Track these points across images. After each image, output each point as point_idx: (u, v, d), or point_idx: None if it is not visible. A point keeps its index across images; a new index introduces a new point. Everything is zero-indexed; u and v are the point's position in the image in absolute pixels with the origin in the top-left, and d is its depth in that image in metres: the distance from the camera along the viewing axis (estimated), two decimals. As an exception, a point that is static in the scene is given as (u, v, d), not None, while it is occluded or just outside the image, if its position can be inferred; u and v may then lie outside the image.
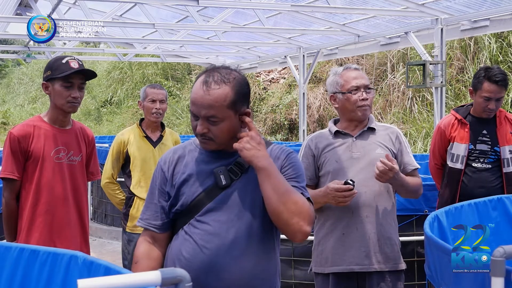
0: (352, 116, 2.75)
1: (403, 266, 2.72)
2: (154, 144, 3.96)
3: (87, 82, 3.01)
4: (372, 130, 2.77)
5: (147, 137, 3.97)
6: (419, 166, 2.83)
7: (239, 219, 1.92)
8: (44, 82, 2.92)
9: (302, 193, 1.93)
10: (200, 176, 1.96)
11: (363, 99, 2.70)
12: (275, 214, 1.86)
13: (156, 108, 3.91)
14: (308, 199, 1.94)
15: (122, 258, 4.02)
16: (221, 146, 1.95)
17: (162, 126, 4.08)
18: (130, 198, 3.92)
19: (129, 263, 3.91)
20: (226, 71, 1.92)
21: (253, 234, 1.93)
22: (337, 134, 2.79)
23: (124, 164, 3.97)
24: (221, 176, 1.93)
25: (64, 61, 2.85)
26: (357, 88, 2.71)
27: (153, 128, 4.02)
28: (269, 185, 1.85)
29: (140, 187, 3.87)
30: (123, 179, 4.03)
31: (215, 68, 1.93)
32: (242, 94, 1.92)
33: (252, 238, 1.92)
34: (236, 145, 1.89)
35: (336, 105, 2.79)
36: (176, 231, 2.00)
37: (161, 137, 4.01)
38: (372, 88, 2.75)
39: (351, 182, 2.55)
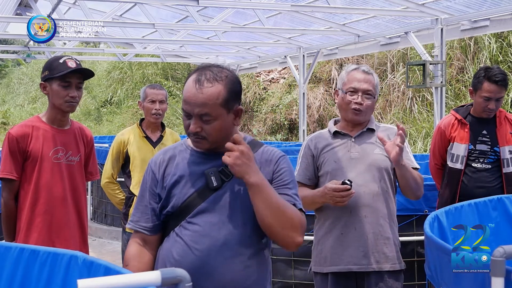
0: (345, 116, 2.76)
1: (402, 266, 2.72)
2: (154, 144, 3.96)
3: (86, 82, 3.01)
4: (371, 131, 2.77)
5: (147, 137, 3.97)
6: (419, 167, 2.82)
7: (230, 220, 1.91)
8: (42, 82, 2.93)
9: (294, 204, 1.93)
10: (191, 177, 1.95)
11: (356, 103, 2.69)
12: (267, 228, 1.88)
13: (155, 109, 3.91)
14: (301, 209, 1.94)
15: (122, 258, 4.02)
16: (214, 145, 1.94)
17: (163, 126, 4.07)
18: (130, 198, 3.92)
19: None
20: (218, 69, 1.92)
21: (244, 235, 1.92)
22: (336, 134, 2.79)
23: (124, 164, 3.97)
24: (212, 177, 1.92)
25: (61, 60, 2.85)
26: (355, 91, 2.69)
27: (153, 128, 4.01)
28: (261, 200, 1.85)
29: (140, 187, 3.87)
30: (123, 179, 4.03)
31: (206, 67, 1.93)
32: (234, 92, 1.92)
33: (243, 239, 1.92)
34: (226, 159, 1.86)
35: (336, 101, 2.82)
36: (168, 233, 1.99)
37: (161, 137, 4.01)
38: (372, 95, 2.72)
39: (348, 182, 2.55)
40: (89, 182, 7.25)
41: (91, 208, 8.12)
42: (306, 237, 2.21)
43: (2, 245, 1.88)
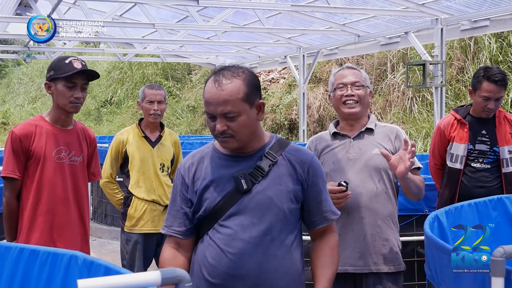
0: (341, 114, 2.76)
1: (401, 267, 2.69)
2: (153, 144, 3.95)
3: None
4: (370, 130, 2.75)
5: (146, 137, 3.96)
6: (421, 166, 2.81)
7: (261, 222, 1.93)
8: (47, 82, 2.91)
9: (331, 210, 2.06)
10: (221, 181, 1.97)
11: (347, 95, 2.69)
12: None
13: (154, 110, 3.89)
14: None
15: (121, 258, 4.02)
16: (242, 143, 1.95)
17: (162, 126, 4.06)
18: (128, 197, 3.91)
19: (127, 262, 3.91)
20: (234, 68, 1.95)
21: (275, 237, 1.94)
22: (335, 135, 2.78)
23: (123, 164, 3.96)
24: (242, 180, 1.94)
25: (67, 61, 2.84)
26: (344, 85, 2.70)
27: (152, 128, 4.00)
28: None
29: (138, 187, 3.87)
30: (121, 179, 4.02)
31: (223, 68, 1.96)
32: (253, 86, 1.93)
33: (274, 241, 1.94)
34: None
35: (332, 104, 2.82)
36: (201, 236, 2.01)
37: (160, 137, 4.00)
38: (362, 85, 2.71)
39: (344, 184, 2.54)
40: (89, 182, 7.24)
41: (91, 208, 8.12)
42: (305, 237, 2.21)
43: (2, 245, 1.88)
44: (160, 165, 3.92)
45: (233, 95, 1.87)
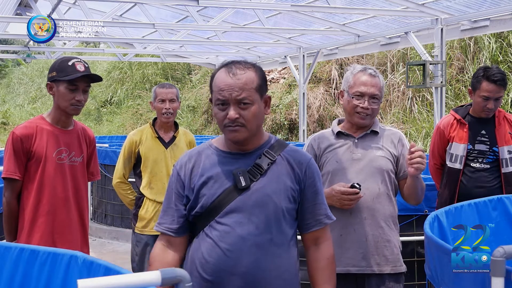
0: (350, 119, 2.74)
1: (403, 268, 2.69)
2: (166, 145, 3.87)
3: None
4: (375, 133, 2.75)
5: (159, 137, 3.88)
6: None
7: (259, 220, 1.92)
8: (48, 82, 2.91)
9: (327, 215, 2.06)
10: (219, 177, 1.96)
11: (363, 107, 2.66)
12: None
13: (165, 108, 3.81)
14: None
15: (131, 260, 3.94)
16: (250, 135, 1.94)
17: (176, 126, 3.98)
18: (139, 198, 3.86)
19: (137, 265, 3.86)
20: (244, 62, 1.98)
21: (273, 236, 1.94)
22: (339, 134, 2.77)
23: (135, 164, 3.90)
24: (240, 177, 1.93)
25: (70, 63, 2.83)
26: (361, 95, 2.66)
27: (165, 128, 3.92)
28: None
29: (150, 188, 3.81)
30: (133, 180, 3.96)
31: (233, 61, 1.97)
32: (263, 79, 1.98)
33: (272, 239, 1.93)
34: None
35: (341, 102, 2.80)
36: (197, 233, 2.00)
37: (173, 138, 3.92)
38: (379, 99, 2.68)
39: (357, 186, 2.54)
40: (90, 182, 7.25)
41: (91, 208, 8.12)
42: (300, 237, 2.22)
43: (2, 245, 1.87)
44: (173, 166, 3.86)
45: (249, 83, 1.90)
